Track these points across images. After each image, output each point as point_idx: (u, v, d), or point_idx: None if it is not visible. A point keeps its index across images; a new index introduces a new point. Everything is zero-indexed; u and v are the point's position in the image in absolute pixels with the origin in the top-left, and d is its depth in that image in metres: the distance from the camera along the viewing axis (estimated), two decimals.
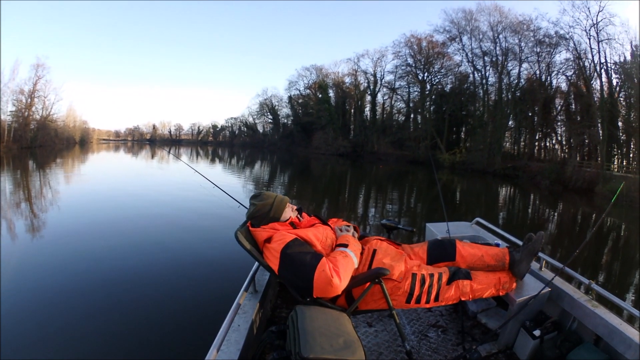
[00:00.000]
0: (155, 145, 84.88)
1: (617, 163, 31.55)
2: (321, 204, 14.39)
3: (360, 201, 16.31)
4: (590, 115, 32.71)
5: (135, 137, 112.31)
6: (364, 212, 13.29)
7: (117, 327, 4.30)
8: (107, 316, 4.54)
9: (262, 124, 79.85)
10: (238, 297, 2.02)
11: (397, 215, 12.98)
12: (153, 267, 6.33)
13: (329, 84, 61.59)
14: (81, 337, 4.10)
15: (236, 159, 45.29)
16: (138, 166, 30.87)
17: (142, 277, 5.84)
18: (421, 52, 49.77)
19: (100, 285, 5.45)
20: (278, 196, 2.22)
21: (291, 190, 16.81)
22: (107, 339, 4.07)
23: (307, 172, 31.43)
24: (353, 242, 2.08)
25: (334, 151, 54.95)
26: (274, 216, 2.14)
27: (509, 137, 43.63)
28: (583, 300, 2.24)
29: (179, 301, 5.04)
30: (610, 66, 32.33)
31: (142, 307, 4.86)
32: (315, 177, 27.14)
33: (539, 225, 13.66)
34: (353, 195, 18.43)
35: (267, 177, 24.82)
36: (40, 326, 4.27)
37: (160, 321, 4.51)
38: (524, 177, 33.04)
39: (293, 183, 22.15)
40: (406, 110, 55.57)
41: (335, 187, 21.73)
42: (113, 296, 5.11)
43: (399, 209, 14.38)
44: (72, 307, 4.77)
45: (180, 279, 5.82)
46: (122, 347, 3.94)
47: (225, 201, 3.70)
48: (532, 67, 40.17)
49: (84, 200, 12.67)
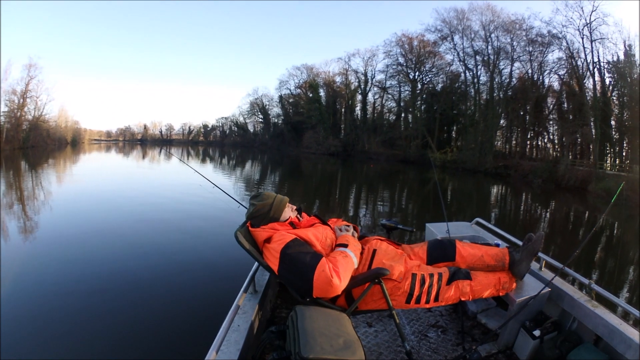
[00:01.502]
0: (146, 146, 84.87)
1: (610, 162, 31.75)
2: (312, 203, 14.39)
3: (352, 201, 16.27)
4: (582, 114, 32.91)
5: (126, 137, 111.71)
6: (355, 212, 13.23)
7: (116, 328, 4.28)
8: (106, 317, 4.51)
9: (253, 124, 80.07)
10: (238, 298, 1.99)
11: (389, 215, 12.99)
12: (151, 267, 6.28)
13: (319, 84, 61.59)
14: (80, 338, 4.07)
15: (227, 158, 45.26)
16: (130, 167, 30.57)
17: (140, 278, 5.80)
18: (412, 51, 49.87)
19: (98, 286, 5.40)
20: (278, 196, 2.22)
21: (282, 191, 16.57)
22: (106, 340, 4.05)
23: (297, 171, 31.37)
24: (353, 242, 2.08)
25: (324, 150, 54.95)
26: (273, 216, 2.14)
27: (500, 136, 43.80)
28: (583, 300, 2.25)
29: (178, 302, 5.03)
30: (604, 65, 32.62)
31: (141, 307, 4.84)
32: (306, 177, 27.07)
33: (532, 223, 13.73)
34: (344, 195, 18.40)
35: (257, 177, 24.79)
36: (38, 327, 4.25)
37: (159, 322, 4.49)
38: (515, 176, 33.21)
39: (284, 183, 22.07)
40: (397, 109, 55.70)
41: (326, 186, 21.70)
42: (111, 297, 5.08)
43: (390, 209, 14.30)
44: (70, 308, 4.72)
45: (179, 280, 5.79)
46: (122, 348, 3.92)
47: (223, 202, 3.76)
48: (524, 66, 40.41)
49: (78, 201, 12.50)
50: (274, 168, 33.63)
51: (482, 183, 29.25)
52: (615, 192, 20.58)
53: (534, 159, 37.35)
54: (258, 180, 22.63)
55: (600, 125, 30.81)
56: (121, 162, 35.55)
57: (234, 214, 3.09)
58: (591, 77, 33.04)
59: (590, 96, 32.68)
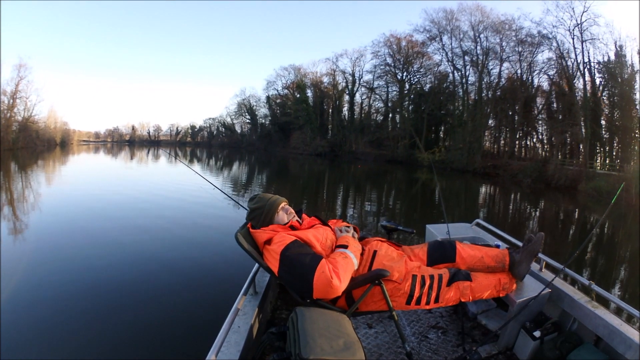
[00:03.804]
0: (134, 147, 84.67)
1: (600, 161, 32.00)
2: (299, 204, 14.32)
3: (339, 201, 16.23)
4: (572, 114, 33.03)
5: (114, 139, 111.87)
6: (344, 213, 13.22)
7: (116, 330, 4.21)
8: (105, 319, 4.43)
9: (240, 124, 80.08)
10: (238, 299, 1.97)
11: (376, 214, 12.93)
12: (149, 268, 6.20)
13: (307, 84, 61.76)
14: (79, 340, 3.98)
15: (214, 159, 45.30)
16: (125, 167, 30.24)
17: (138, 279, 5.72)
18: (400, 52, 50.03)
19: (97, 288, 5.31)
20: (272, 198, 2.24)
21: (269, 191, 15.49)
22: (106, 343, 3.98)
23: (284, 172, 31.34)
24: (353, 243, 2.07)
25: (311, 151, 55.09)
26: (266, 218, 2.16)
27: (489, 136, 43.91)
28: (583, 301, 2.26)
29: (177, 303, 4.96)
30: (594, 65, 32.82)
31: (140, 309, 4.76)
32: (293, 178, 26.99)
33: (520, 222, 13.86)
34: (331, 196, 18.32)
35: (245, 178, 24.72)
36: (34, 328, 4.17)
37: (158, 323, 4.42)
38: (504, 176, 33.28)
39: (271, 184, 21.97)
40: (384, 109, 55.89)
41: (313, 187, 21.65)
42: (110, 299, 4.99)
43: (377, 210, 14.24)
44: (68, 311, 4.61)
45: (178, 281, 5.71)
46: (122, 350, 3.86)
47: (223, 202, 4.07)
48: (513, 67, 40.47)
49: (74, 203, 12.22)
50: (261, 169, 33.53)
51: (471, 183, 29.31)
52: (606, 191, 21.56)
53: (523, 159, 37.43)
54: (245, 181, 22.54)
55: (591, 124, 30.95)
56: (112, 164, 35.06)
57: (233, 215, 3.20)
58: (581, 77, 33.25)
59: (580, 96, 32.84)
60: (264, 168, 34.25)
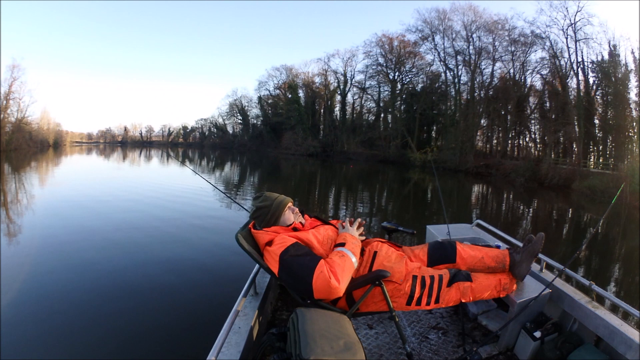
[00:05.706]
0: (127, 147, 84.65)
1: (593, 160, 32.16)
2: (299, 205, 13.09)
3: (331, 202, 16.20)
4: (566, 113, 33.09)
5: (107, 140, 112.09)
6: (335, 213, 13.16)
7: (116, 332, 4.19)
8: (105, 320, 4.42)
9: (232, 125, 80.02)
10: (238, 300, 1.96)
11: (369, 215, 12.86)
12: (149, 270, 6.17)
13: (298, 84, 61.73)
14: (78, 341, 3.98)
15: (206, 160, 45.36)
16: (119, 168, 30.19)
17: (138, 280, 5.70)
18: (392, 52, 50.07)
19: (96, 290, 5.29)
20: (278, 197, 2.19)
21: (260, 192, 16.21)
22: (106, 344, 3.96)
23: (276, 172, 31.29)
24: (350, 239, 2.03)
25: (303, 151, 55.03)
26: (273, 218, 2.12)
27: (481, 135, 44.05)
28: (583, 302, 2.25)
29: (177, 304, 4.95)
30: (587, 65, 33.00)
31: (140, 310, 4.75)
32: (285, 178, 26.89)
33: (513, 222, 13.80)
34: (323, 196, 18.25)
35: (237, 179, 24.69)
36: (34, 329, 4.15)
37: (158, 324, 4.41)
38: (497, 175, 33.36)
39: (263, 184, 21.98)
40: (376, 109, 55.97)
41: (305, 187, 21.54)
42: (110, 300, 4.97)
43: (369, 210, 14.20)
44: (68, 311, 4.61)
45: (178, 282, 5.70)
46: (122, 351, 3.85)
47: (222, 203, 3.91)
48: (506, 66, 40.62)
49: (70, 204, 12.13)
50: (253, 169, 33.49)
51: (464, 182, 29.28)
52: (600, 189, 21.63)
53: (515, 158, 37.54)
54: (237, 182, 22.48)
55: (584, 123, 31.08)
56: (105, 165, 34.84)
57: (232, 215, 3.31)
58: (575, 76, 33.37)
59: (574, 95, 32.98)
60: (255, 169, 34.19)
